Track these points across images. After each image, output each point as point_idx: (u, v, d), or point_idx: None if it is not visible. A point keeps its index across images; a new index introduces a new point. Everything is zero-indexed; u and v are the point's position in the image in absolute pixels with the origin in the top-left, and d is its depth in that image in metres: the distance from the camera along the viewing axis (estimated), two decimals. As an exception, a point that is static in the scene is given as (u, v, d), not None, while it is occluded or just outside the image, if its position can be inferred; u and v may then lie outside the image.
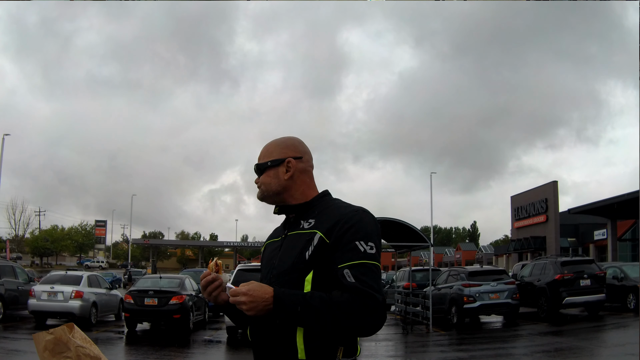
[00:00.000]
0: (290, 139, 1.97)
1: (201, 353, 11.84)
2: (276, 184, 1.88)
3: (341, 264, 1.68)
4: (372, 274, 1.67)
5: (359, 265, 1.67)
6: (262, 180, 1.91)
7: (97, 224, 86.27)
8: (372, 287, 1.64)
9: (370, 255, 1.69)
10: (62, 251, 78.25)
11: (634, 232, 32.56)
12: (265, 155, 1.93)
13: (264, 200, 1.93)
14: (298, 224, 1.85)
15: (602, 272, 15.69)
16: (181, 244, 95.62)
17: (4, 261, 17.76)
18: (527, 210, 39.11)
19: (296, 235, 1.81)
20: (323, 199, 1.90)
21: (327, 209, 1.82)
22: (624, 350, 9.94)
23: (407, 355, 11.63)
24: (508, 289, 15.12)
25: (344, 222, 1.72)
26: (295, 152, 1.92)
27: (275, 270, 1.81)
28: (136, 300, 13.76)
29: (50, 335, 2.43)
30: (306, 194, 1.90)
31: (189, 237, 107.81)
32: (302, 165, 1.91)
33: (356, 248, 1.68)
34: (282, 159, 1.89)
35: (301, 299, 1.64)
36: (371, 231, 1.73)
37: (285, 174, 1.88)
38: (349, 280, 1.64)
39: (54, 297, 14.46)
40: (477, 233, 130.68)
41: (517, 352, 11.01)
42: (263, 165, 1.91)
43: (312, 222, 1.80)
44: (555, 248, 34.79)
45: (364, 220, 1.75)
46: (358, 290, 1.63)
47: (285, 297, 1.65)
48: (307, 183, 1.92)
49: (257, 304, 1.65)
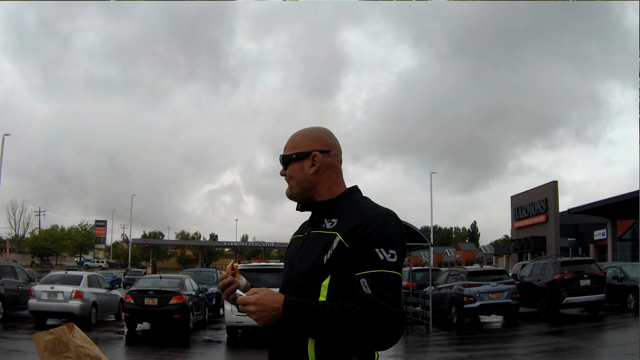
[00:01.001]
0: (318, 130, 1.85)
1: (201, 353, 11.84)
2: (301, 178, 1.79)
3: (358, 272, 1.59)
4: (390, 284, 1.58)
5: (377, 274, 1.58)
6: (289, 174, 1.81)
7: (97, 224, 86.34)
8: (388, 300, 1.55)
9: (390, 264, 1.59)
10: (62, 251, 78.28)
11: (634, 232, 32.55)
12: (291, 147, 1.82)
13: (293, 198, 1.84)
14: (321, 222, 1.76)
15: (602, 272, 15.69)
16: (181, 244, 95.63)
17: (4, 261, 17.76)
18: (527, 210, 39.12)
19: (318, 235, 1.73)
20: (349, 196, 1.79)
21: (352, 209, 1.72)
22: (624, 350, 9.95)
23: (407, 355, 11.62)
24: (508, 289, 15.12)
25: (365, 226, 1.63)
26: (323, 145, 1.80)
27: (294, 270, 1.75)
28: (136, 300, 13.76)
29: (50, 335, 2.43)
30: (332, 190, 1.80)
31: (189, 237, 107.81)
32: (329, 159, 1.80)
33: (375, 256, 1.59)
34: (308, 152, 1.78)
35: (311, 310, 1.58)
36: (394, 238, 1.63)
37: (311, 168, 1.78)
38: (364, 291, 1.56)
39: (54, 297, 14.46)
40: (477, 233, 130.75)
41: (517, 352, 11.01)
42: (288, 158, 1.81)
43: (335, 222, 1.71)
44: (555, 248, 34.80)
45: (388, 225, 1.64)
46: (372, 303, 1.54)
47: (295, 306, 1.59)
48: (334, 179, 1.81)
49: (266, 313, 1.60)
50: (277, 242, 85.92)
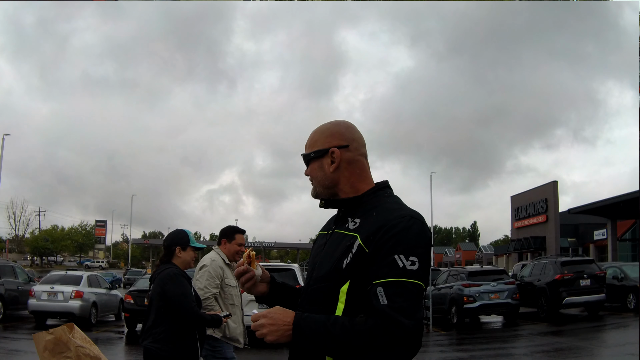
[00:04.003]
0: (336, 124, 1.77)
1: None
2: (322, 177, 1.71)
3: (376, 280, 1.50)
4: (408, 294, 1.48)
5: (395, 283, 1.48)
6: (311, 174, 1.75)
7: (97, 224, 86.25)
8: (403, 311, 1.46)
9: (410, 272, 1.49)
10: (62, 251, 78.27)
11: (634, 232, 32.57)
12: (310, 145, 1.75)
13: (318, 197, 1.76)
14: (345, 221, 1.68)
15: (602, 272, 15.68)
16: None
17: (4, 261, 17.76)
18: (527, 210, 39.12)
19: (340, 235, 1.66)
20: (376, 194, 1.70)
21: (377, 209, 1.63)
22: (624, 350, 9.94)
23: (407, 355, 11.61)
24: (508, 289, 15.12)
25: (385, 231, 1.54)
26: (341, 140, 1.72)
27: (315, 272, 1.69)
28: (136, 300, 13.74)
29: (50, 335, 2.44)
30: (356, 187, 1.71)
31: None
32: (349, 154, 1.71)
33: (394, 263, 1.50)
34: (325, 149, 1.71)
35: (321, 328, 1.51)
36: (416, 243, 1.53)
37: (330, 165, 1.70)
38: (380, 302, 1.48)
39: (54, 297, 14.46)
40: (477, 233, 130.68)
41: (517, 352, 11.01)
42: (307, 157, 1.74)
43: (358, 222, 1.63)
44: (555, 248, 34.79)
45: (410, 229, 1.55)
46: (385, 316, 1.46)
47: (305, 324, 1.54)
48: (357, 174, 1.72)
49: (277, 328, 1.55)
50: (277, 242, 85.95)
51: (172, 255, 3.76)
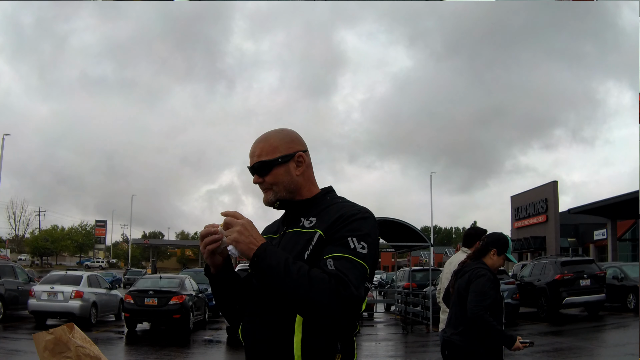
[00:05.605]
0: (290, 131, 1.82)
1: (201, 353, 11.85)
2: (289, 181, 1.74)
3: (326, 256, 1.57)
4: (355, 270, 1.55)
5: (344, 258, 1.56)
6: (272, 180, 1.74)
7: (97, 224, 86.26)
8: (349, 279, 1.51)
9: (360, 254, 1.58)
10: (62, 251, 78.28)
11: (634, 232, 32.54)
12: (269, 152, 1.74)
13: (273, 204, 1.78)
14: (298, 220, 1.73)
15: (602, 272, 15.69)
16: (181, 244, 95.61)
17: (4, 261, 17.78)
18: (527, 210, 39.13)
19: (296, 234, 1.70)
20: (327, 196, 1.79)
21: (331, 207, 1.71)
22: (624, 350, 9.94)
23: (407, 355, 11.63)
24: (508, 289, 15.09)
25: (344, 219, 1.63)
26: (302, 145, 1.79)
27: None
28: (136, 300, 13.76)
29: (50, 335, 2.44)
30: (311, 190, 1.79)
31: (189, 237, 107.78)
32: (309, 159, 1.80)
33: (347, 244, 1.58)
34: (291, 153, 1.75)
35: (282, 261, 1.53)
36: (368, 233, 1.63)
37: (297, 169, 1.75)
38: (329, 268, 1.54)
39: (54, 297, 14.46)
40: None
41: (517, 352, 10.99)
42: (273, 163, 1.73)
43: (314, 221, 1.69)
44: (555, 248, 34.79)
45: (366, 220, 1.65)
46: (337, 277, 1.51)
47: (271, 251, 1.56)
48: (312, 178, 1.81)
49: (245, 237, 1.57)
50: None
51: (484, 255, 3.79)
